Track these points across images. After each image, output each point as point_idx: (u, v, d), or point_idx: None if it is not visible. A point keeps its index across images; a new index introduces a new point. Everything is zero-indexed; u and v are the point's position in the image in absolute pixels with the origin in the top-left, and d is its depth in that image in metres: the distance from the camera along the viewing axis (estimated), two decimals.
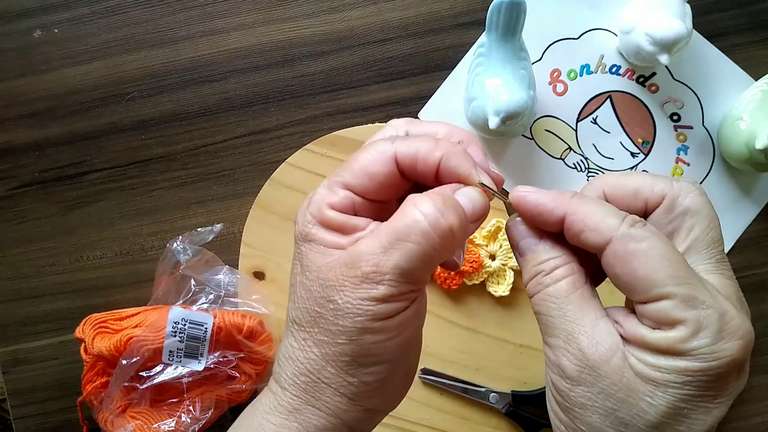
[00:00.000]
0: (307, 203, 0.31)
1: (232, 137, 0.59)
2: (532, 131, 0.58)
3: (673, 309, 0.26)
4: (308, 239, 0.30)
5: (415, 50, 0.58)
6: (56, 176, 0.59)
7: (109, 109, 0.59)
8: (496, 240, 0.57)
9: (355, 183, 0.30)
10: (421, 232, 0.27)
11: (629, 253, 0.26)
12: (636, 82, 0.58)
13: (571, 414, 0.28)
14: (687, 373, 0.25)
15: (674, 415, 0.26)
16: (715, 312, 0.26)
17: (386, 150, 0.30)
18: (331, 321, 0.29)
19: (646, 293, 0.26)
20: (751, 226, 0.59)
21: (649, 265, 0.26)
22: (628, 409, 0.26)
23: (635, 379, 0.26)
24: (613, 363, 0.26)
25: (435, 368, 0.57)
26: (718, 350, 0.25)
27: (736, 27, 0.58)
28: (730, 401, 0.26)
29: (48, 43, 0.59)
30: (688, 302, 0.25)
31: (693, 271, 0.27)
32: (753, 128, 0.52)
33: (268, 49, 0.59)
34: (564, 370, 0.28)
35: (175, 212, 0.59)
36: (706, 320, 0.25)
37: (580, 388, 0.27)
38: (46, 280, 0.59)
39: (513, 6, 0.49)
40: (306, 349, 0.30)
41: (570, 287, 0.28)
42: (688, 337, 0.25)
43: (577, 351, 0.27)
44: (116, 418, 0.54)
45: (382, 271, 0.27)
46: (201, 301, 0.56)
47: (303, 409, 0.30)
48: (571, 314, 0.28)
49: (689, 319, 0.25)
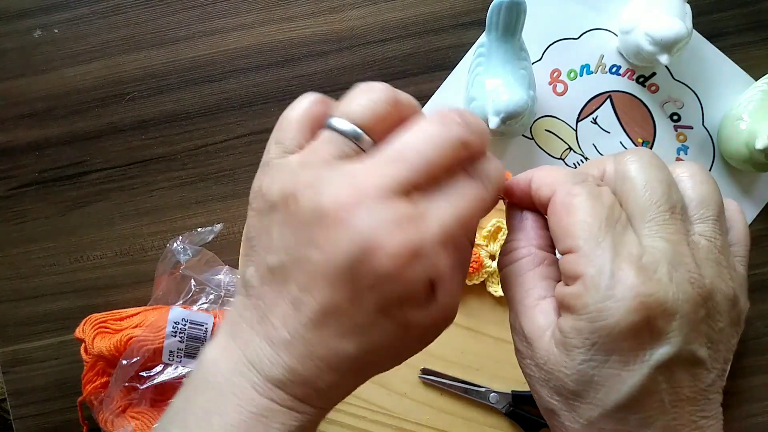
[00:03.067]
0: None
1: (232, 137, 0.59)
2: (532, 131, 0.58)
3: (577, 262, 0.26)
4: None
5: (415, 50, 0.58)
6: (56, 176, 0.59)
7: (109, 109, 0.59)
8: (496, 240, 0.57)
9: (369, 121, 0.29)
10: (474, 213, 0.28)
11: (561, 205, 0.27)
12: (636, 82, 0.58)
13: (528, 385, 0.30)
14: (583, 333, 0.26)
15: (586, 382, 0.26)
16: (610, 269, 0.25)
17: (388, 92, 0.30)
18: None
19: (562, 242, 0.27)
20: (751, 226, 0.59)
21: (572, 217, 0.27)
22: (554, 380, 0.27)
23: (555, 351, 0.27)
24: (543, 338, 0.28)
25: (435, 368, 0.57)
26: (605, 309, 0.25)
27: (736, 27, 0.58)
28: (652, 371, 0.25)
29: (48, 43, 0.59)
30: (590, 257, 0.26)
31: (613, 228, 0.26)
32: (753, 128, 0.52)
33: (268, 49, 0.59)
34: (515, 344, 0.30)
35: (175, 212, 0.59)
36: (600, 276, 0.25)
37: (526, 361, 0.29)
38: (46, 280, 0.59)
39: (513, 6, 0.49)
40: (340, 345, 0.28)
41: (522, 268, 0.30)
42: (581, 292, 0.26)
43: (519, 327, 0.29)
44: (116, 418, 0.54)
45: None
46: (201, 301, 0.56)
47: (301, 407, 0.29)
48: (519, 294, 0.30)
49: (586, 274, 0.26)
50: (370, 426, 0.56)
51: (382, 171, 0.25)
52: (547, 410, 0.29)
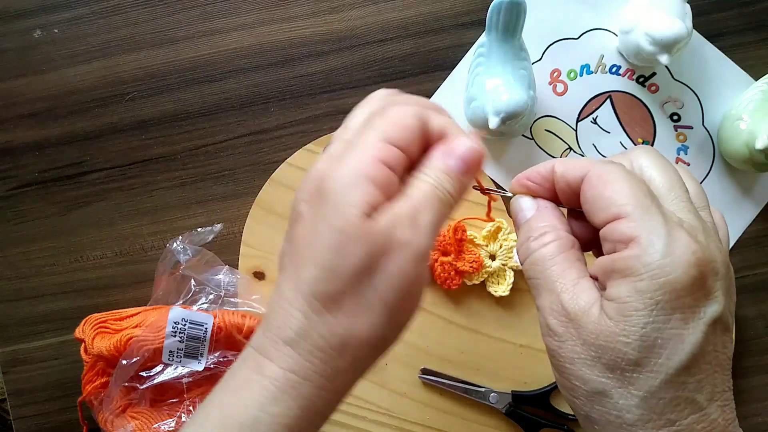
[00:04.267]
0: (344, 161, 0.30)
1: (232, 137, 0.59)
2: (532, 131, 0.58)
3: (629, 226, 0.27)
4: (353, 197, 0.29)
5: (415, 50, 0.58)
6: (56, 176, 0.59)
7: (109, 109, 0.59)
8: (496, 240, 0.57)
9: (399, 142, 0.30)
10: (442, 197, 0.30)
11: (599, 178, 0.29)
12: (636, 82, 0.58)
13: (565, 372, 0.29)
14: (646, 293, 0.26)
15: (649, 347, 0.27)
16: (665, 230, 0.27)
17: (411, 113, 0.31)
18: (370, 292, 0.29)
19: (607, 210, 0.28)
20: (751, 226, 0.59)
21: (615, 187, 0.29)
22: (610, 354, 0.27)
23: (610, 323, 0.27)
24: (591, 314, 0.28)
25: (435, 368, 0.57)
26: (667, 265, 0.26)
27: (736, 27, 0.58)
28: (708, 329, 0.27)
29: (48, 43, 0.59)
30: (643, 220, 0.27)
31: (655, 198, 0.29)
32: (753, 128, 0.52)
33: (268, 49, 0.59)
34: (552, 328, 0.30)
35: (175, 212, 0.59)
36: (657, 237, 0.27)
37: (567, 343, 0.29)
38: (46, 280, 0.59)
39: (513, 6, 0.49)
40: (331, 322, 0.29)
41: (555, 251, 0.31)
42: (639, 253, 0.27)
43: (560, 308, 0.29)
44: (116, 418, 0.54)
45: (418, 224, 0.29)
46: (201, 301, 0.56)
47: (308, 392, 0.30)
48: (555, 275, 0.30)
49: (641, 236, 0.27)
50: (370, 426, 0.56)
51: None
52: (594, 394, 0.28)
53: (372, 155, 0.29)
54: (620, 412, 0.28)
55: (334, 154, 0.31)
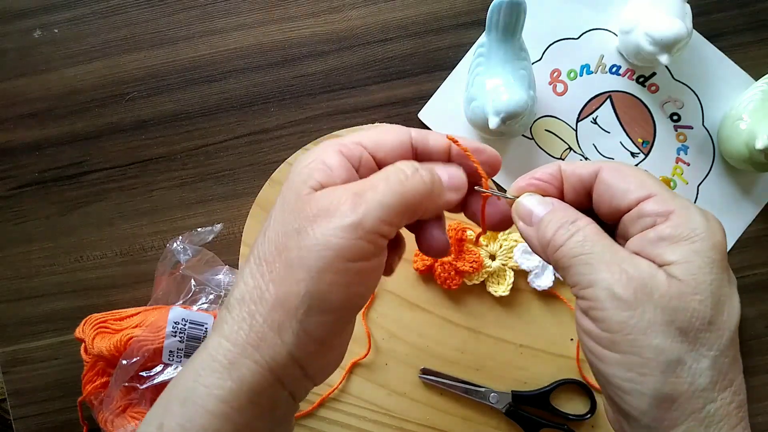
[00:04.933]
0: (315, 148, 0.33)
1: (232, 137, 0.59)
2: (532, 131, 0.58)
3: (661, 203, 0.30)
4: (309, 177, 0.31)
5: (415, 50, 0.58)
6: (56, 176, 0.59)
7: (109, 109, 0.59)
8: (496, 240, 0.57)
9: (368, 140, 0.33)
10: (401, 178, 0.31)
11: (617, 170, 0.32)
12: (636, 82, 0.58)
13: (637, 345, 0.28)
14: (704, 254, 0.28)
15: (716, 304, 0.28)
16: (692, 204, 0.30)
17: (402, 127, 0.35)
18: (295, 254, 0.29)
19: (636, 192, 0.31)
20: (751, 226, 0.59)
21: (634, 174, 0.31)
22: (684, 315, 0.28)
23: (680, 283, 0.28)
24: (659, 277, 0.28)
25: (435, 368, 0.57)
26: (712, 229, 0.29)
27: (736, 27, 0.58)
28: (737, 293, 0.29)
29: (48, 43, 0.59)
30: (670, 196, 0.30)
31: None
32: (753, 128, 0.52)
33: (268, 49, 0.59)
34: (621, 298, 0.28)
35: (175, 212, 0.59)
36: (692, 208, 0.30)
37: (639, 311, 0.28)
38: (46, 280, 0.59)
39: (513, 6, 0.49)
40: (261, 286, 0.30)
41: (597, 230, 0.31)
42: (685, 221, 0.29)
43: (626, 277, 0.29)
44: (116, 418, 0.54)
45: (363, 198, 0.29)
46: (201, 301, 0.56)
47: (239, 362, 0.29)
48: (609, 248, 0.30)
49: (678, 209, 0.29)
50: (370, 426, 0.56)
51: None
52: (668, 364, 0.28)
53: (334, 148, 0.32)
54: (693, 378, 0.28)
55: (316, 147, 0.34)
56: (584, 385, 0.56)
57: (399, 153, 0.33)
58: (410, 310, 0.57)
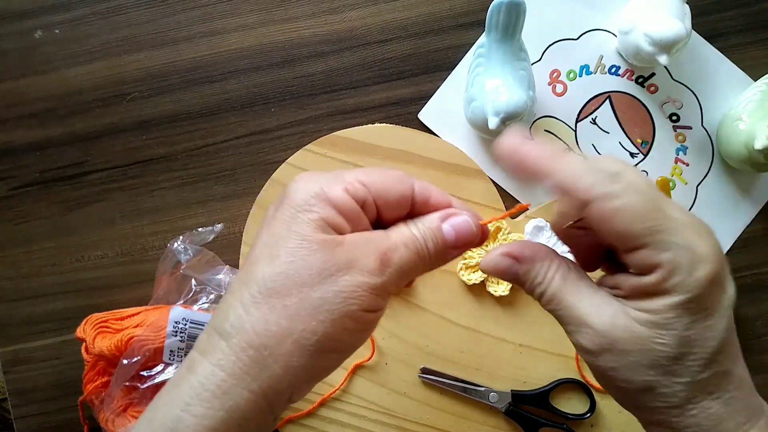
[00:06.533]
0: (315, 177, 0.32)
1: (233, 137, 0.59)
2: (532, 131, 0.59)
3: (651, 255, 0.29)
4: (310, 210, 0.30)
5: (415, 51, 0.59)
6: (57, 176, 0.59)
7: (109, 110, 0.59)
8: (496, 240, 0.57)
9: (374, 187, 0.32)
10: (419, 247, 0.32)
11: (607, 212, 0.29)
12: (635, 83, 0.59)
13: (609, 379, 0.31)
14: (678, 306, 0.28)
15: (685, 344, 0.29)
16: (684, 248, 0.28)
17: (406, 177, 0.33)
18: (318, 296, 0.29)
19: (626, 245, 0.29)
20: (751, 226, 0.59)
21: (626, 219, 0.29)
22: (648, 356, 0.29)
23: (642, 329, 0.29)
24: (620, 324, 0.30)
25: (435, 368, 0.57)
26: (695, 280, 0.28)
27: (736, 27, 0.58)
28: (729, 311, 0.30)
29: (49, 43, 0.59)
30: (660, 248, 0.28)
31: (665, 213, 0.29)
32: (752, 128, 0.52)
33: (269, 49, 0.59)
34: (585, 348, 0.31)
35: (175, 212, 0.59)
36: (678, 258, 0.28)
37: (603, 357, 0.30)
38: (47, 279, 0.60)
39: (513, 6, 0.49)
40: (269, 319, 0.29)
41: (561, 281, 0.32)
42: (667, 276, 0.28)
43: (587, 329, 0.30)
44: (117, 417, 0.54)
45: (389, 264, 0.31)
46: (202, 300, 0.56)
47: (234, 392, 0.29)
48: (571, 301, 0.31)
49: (664, 261, 0.28)
50: (369, 425, 0.57)
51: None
52: (641, 390, 0.30)
53: (341, 185, 0.31)
54: (668, 399, 0.30)
55: (314, 174, 0.32)
56: (584, 384, 0.57)
57: (399, 207, 0.33)
58: (410, 309, 0.57)
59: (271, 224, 0.31)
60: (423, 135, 0.58)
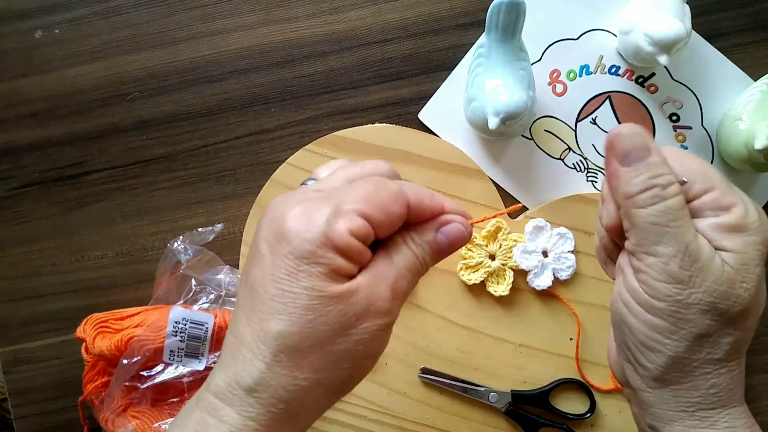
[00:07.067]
0: (309, 208, 0.30)
1: (233, 137, 0.59)
2: (532, 131, 0.59)
3: (725, 195, 0.32)
4: (317, 262, 0.29)
5: (415, 51, 0.59)
6: (57, 176, 0.59)
7: (110, 110, 0.59)
8: (496, 240, 0.57)
9: (375, 217, 0.30)
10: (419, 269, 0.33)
11: (686, 157, 0.33)
12: (635, 83, 0.59)
13: (676, 315, 0.31)
14: (755, 247, 0.31)
15: (757, 293, 0.32)
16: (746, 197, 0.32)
17: (401, 192, 0.31)
18: (342, 348, 0.30)
19: (702, 183, 0.32)
20: None
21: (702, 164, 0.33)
22: (727, 300, 0.31)
23: (731, 270, 0.31)
24: (716, 262, 0.31)
25: (435, 368, 0.57)
26: (763, 223, 0.31)
27: (736, 27, 0.58)
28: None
29: (49, 43, 0.59)
30: (730, 190, 0.32)
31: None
32: (752, 128, 0.52)
33: (269, 49, 0.59)
34: (675, 275, 0.31)
35: (175, 212, 0.59)
36: (749, 203, 0.32)
37: (689, 290, 0.31)
38: (47, 279, 0.60)
39: (513, 6, 0.49)
40: (297, 376, 0.30)
41: (682, 203, 0.32)
42: (744, 213, 0.31)
43: (687, 257, 0.31)
44: (117, 417, 0.54)
45: (398, 295, 0.32)
46: (202, 300, 0.56)
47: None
48: (683, 226, 0.31)
49: (737, 201, 0.32)
50: (370, 425, 0.57)
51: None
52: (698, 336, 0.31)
53: (345, 227, 0.29)
54: (713, 349, 0.32)
55: (305, 204, 0.30)
56: (584, 384, 0.57)
57: (396, 226, 0.32)
58: (410, 309, 0.57)
59: (274, 272, 0.30)
60: (423, 135, 0.58)
